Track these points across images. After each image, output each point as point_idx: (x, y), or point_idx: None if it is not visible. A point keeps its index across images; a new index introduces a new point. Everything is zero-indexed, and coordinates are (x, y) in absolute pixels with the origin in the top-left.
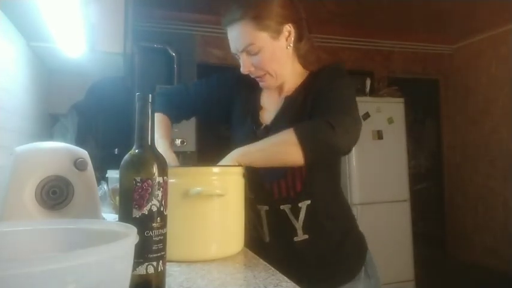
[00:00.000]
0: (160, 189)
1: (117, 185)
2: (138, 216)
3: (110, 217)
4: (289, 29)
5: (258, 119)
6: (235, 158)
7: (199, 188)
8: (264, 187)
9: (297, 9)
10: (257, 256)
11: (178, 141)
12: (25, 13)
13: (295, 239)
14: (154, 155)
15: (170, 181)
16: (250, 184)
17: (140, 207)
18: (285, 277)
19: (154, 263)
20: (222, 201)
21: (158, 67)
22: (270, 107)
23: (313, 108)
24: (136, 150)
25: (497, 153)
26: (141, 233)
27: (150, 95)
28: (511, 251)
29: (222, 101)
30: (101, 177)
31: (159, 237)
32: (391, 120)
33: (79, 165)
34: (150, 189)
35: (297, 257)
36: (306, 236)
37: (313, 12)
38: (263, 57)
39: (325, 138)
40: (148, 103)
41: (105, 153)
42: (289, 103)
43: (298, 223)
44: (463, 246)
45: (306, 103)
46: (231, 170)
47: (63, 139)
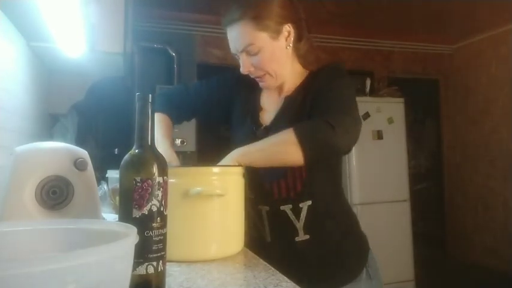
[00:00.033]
0: (160, 189)
1: (117, 185)
2: (138, 216)
3: (110, 217)
4: (288, 29)
5: (258, 119)
6: (235, 158)
7: (199, 188)
8: (264, 187)
9: (296, 10)
10: (257, 256)
11: (178, 141)
12: (25, 13)
13: (296, 239)
14: (154, 155)
15: (170, 181)
16: (251, 184)
17: (140, 207)
18: (285, 277)
19: (154, 263)
20: (222, 201)
21: (158, 67)
22: (269, 107)
23: (312, 108)
24: (137, 150)
25: (497, 153)
26: (141, 233)
27: (150, 95)
28: (511, 251)
29: (222, 101)
30: (101, 177)
31: (159, 237)
32: (391, 120)
33: (79, 165)
34: (150, 189)
35: (298, 257)
36: (307, 236)
37: (313, 12)
38: (263, 57)
39: (324, 138)
40: (148, 103)
41: (105, 153)
42: (289, 103)
43: (299, 223)
44: (463, 246)
45: (305, 103)
46: (231, 170)
47: (63, 139)
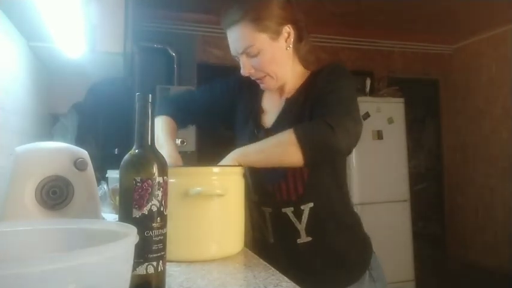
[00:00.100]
0: (160, 189)
1: (117, 185)
2: (138, 216)
3: (110, 217)
4: (288, 30)
5: (260, 121)
6: (235, 158)
7: (199, 188)
8: (267, 189)
9: (296, 11)
10: (257, 256)
11: (178, 141)
12: (25, 13)
13: (299, 241)
14: (154, 155)
15: (170, 181)
16: (254, 186)
17: (140, 207)
18: (285, 277)
19: (154, 263)
20: (222, 201)
21: (158, 67)
22: (271, 109)
23: (313, 109)
24: (137, 150)
25: (497, 153)
26: (141, 233)
27: (150, 95)
28: (511, 251)
29: (225, 106)
30: (101, 177)
31: (159, 237)
32: (391, 120)
33: (79, 165)
34: (150, 189)
35: (300, 258)
36: (309, 238)
37: (313, 12)
38: (263, 58)
39: (324, 139)
40: (148, 103)
41: (105, 153)
42: (290, 105)
43: (301, 225)
44: (463, 246)
45: (306, 104)
46: (231, 170)
47: (63, 139)
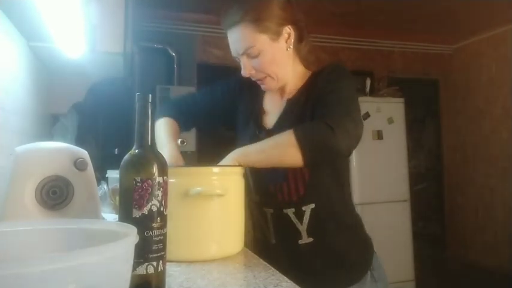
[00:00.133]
0: (160, 189)
1: (117, 185)
2: (138, 216)
3: (110, 217)
4: (288, 31)
5: (261, 122)
6: (235, 158)
7: (199, 188)
8: (269, 190)
9: (296, 11)
10: (257, 256)
11: (179, 142)
12: (25, 13)
13: (300, 241)
14: (155, 155)
15: (170, 181)
16: (255, 186)
17: (140, 207)
18: (285, 277)
19: (154, 263)
20: (222, 201)
21: (158, 67)
22: (272, 110)
23: (314, 109)
24: (137, 150)
25: (497, 153)
26: (141, 233)
27: (150, 95)
28: (511, 251)
29: (227, 108)
30: (101, 177)
31: (159, 237)
32: (391, 120)
33: (79, 165)
34: (150, 189)
35: (301, 259)
36: (311, 239)
37: (313, 12)
38: (263, 59)
39: (323, 140)
40: (148, 103)
41: (105, 153)
42: (291, 105)
43: (302, 226)
44: (463, 246)
45: (307, 105)
46: (231, 170)
47: (63, 139)
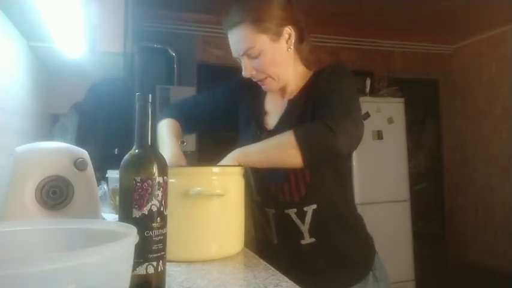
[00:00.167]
0: (160, 189)
1: (117, 185)
2: (138, 216)
3: (110, 217)
4: (289, 31)
5: (262, 123)
6: (235, 158)
7: (199, 188)
8: (270, 190)
9: (296, 11)
10: (257, 256)
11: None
12: (25, 13)
13: (302, 242)
14: (155, 155)
15: (170, 181)
16: (257, 187)
17: (140, 207)
18: (285, 277)
19: (154, 263)
20: (222, 201)
21: (158, 67)
22: (274, 111)
23: (315, 109)
24: (137, 150)
25: (497, 153)
26: (141, 233)
27: (150, 95)
28: (511, 251)
29: (228, 111)
30: (101, 177)
31: (159, 237)
32: (391, 120)
33: (79, 165)
34: (150, 189)
35: (303, 259)
36: (313, 240)
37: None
38: (264, 60)
39: (323, 141)
40: (148, 103)
41: (105, 153)
42: (293, 106)
43: (305, 227)
44: (463, 246)
45: (308, 105)
46: (231, 170)
47: (63, 139)
